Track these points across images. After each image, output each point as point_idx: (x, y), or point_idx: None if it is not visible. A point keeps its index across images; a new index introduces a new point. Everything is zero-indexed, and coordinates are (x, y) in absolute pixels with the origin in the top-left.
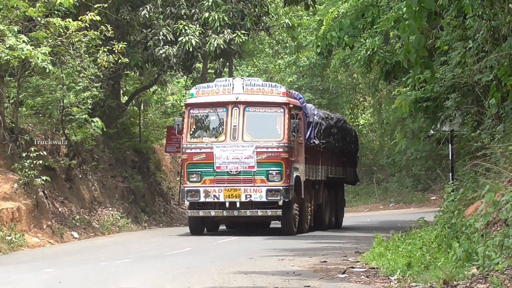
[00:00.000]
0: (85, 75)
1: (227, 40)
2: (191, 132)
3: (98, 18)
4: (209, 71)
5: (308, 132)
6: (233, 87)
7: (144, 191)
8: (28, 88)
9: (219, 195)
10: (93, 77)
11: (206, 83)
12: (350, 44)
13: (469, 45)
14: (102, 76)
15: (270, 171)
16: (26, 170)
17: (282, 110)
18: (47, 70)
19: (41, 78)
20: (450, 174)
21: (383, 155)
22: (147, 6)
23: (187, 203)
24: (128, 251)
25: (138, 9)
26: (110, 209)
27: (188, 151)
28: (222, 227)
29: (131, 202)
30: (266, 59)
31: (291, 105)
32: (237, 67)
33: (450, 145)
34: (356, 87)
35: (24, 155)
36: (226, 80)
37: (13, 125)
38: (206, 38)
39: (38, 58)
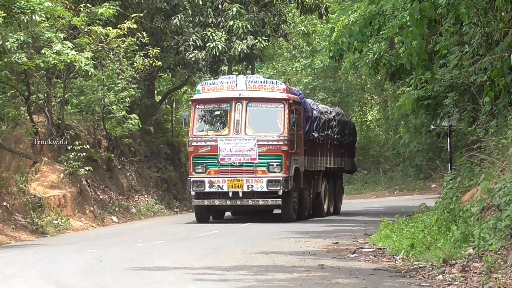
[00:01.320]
0: (123, 77)
1: (250, 46)
2: (197, 126)
3: (135, 26)
4: (234, 73)
5: (308, 126)
6: (236, 84)
7: (176, 180)
8: (73, 89)
9: (223, 185)
10: (130, 79)
11: (212, 80)
12: (359, 49)
13: (465, 49)
14: (138, 78)
15: (270, 163)
16: (71, 161)
17: (282, 105)
18: (90, 73)
19: (84, 79)
20: (449, 164)
21: (389, 147)
22: (179, 15)
23: (193, 193)
24: (162, 233)
25: (171, 18)
26: (146, 196)
27: (194, 143)
28: (228, 214)
29: (164, 190)
30: (284, 62)
31: (291, 101)
32: (259, 70)
33: (448, 138)
34: (364, 87)
35: (69, 148)
36: (230, 77)
37: (60, 121)
38: (231, 44)
39: (81, 62)
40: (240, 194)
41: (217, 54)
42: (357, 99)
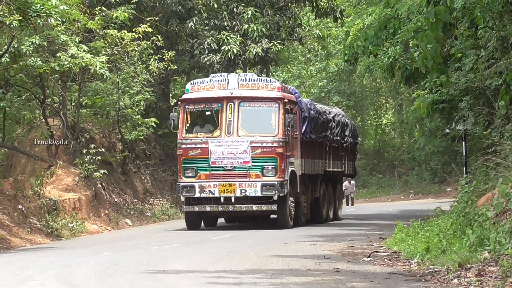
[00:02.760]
0: (138, 80)
1: (265, 49)
2: (186, 128)
3: (150, 29)
4: None
5: (304, 127)
6: (228, 82)
7: None
8: (88, 92)
9: (214, 190)
10: (145, 82)
11: (202, 79)
12: (374, 52)
13: (480, 53)
14: (153, 81)
15: (265, 166)
16: (86, 164)
17: (276, 105)
18: (105, 76)
19: (100, 83)
20: (464, 168)
21: (404, 151)
22: (194, 18)
23: (182, 198)
24: (177, 237)
25: (186, 21)
26: (161, 199)
27: (184, 146)
28: (221, 221)
29: None
30: (299, 66)
31: (286, 100)
32: (273, 73)
33: (463, 142)
34: (379, 90)
35: (84, 151)
36: (221, 76)
37: (75, 124)
38: (246, 47)
39: (96, 65)
40: (233, 200)
41: (232, 57)
42: (372, 103)
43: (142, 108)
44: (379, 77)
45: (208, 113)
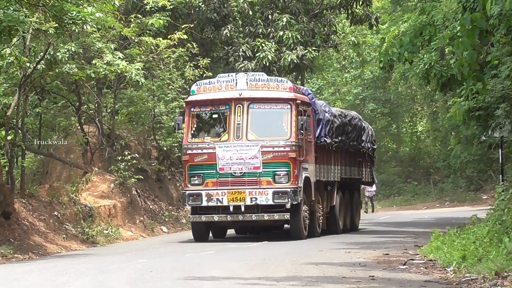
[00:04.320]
0: (173, 87)
1: (300, 56)
2: (192, 132)
3: (185, 37)
4: None
5: (318, 130)
6: (236, 82)
7: None
8: (123, 99)
9: (222, 198)
10: (180, 89)
11: (208, 79)
12: (409, 59)
13: None
14: (188, 88)
15: (276, 172)
16: (121, 171)
17: (289, 106)
18: (140, 83)
19: (135, 90)
20: (500, 176)
21: (439, 158)
22: (229, 26)
23: (188, 207)
24: (211, 244)
25: (221, 28)
26: None
27: (189, 152)
28: (231, 232)
29: None
30: (334, 73)
31: (298, 101)
32: (308, 80)
33: (500, 149)
34: (414, 97)
35: (119, 158)
36: (229, 76)
37: (110, 131)
38: (281, 54)
39: (132, 72)
40: (243, 209)
41: (267, 64)
42: (407, 110)
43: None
44: (414, 84)
45: (215, 116)
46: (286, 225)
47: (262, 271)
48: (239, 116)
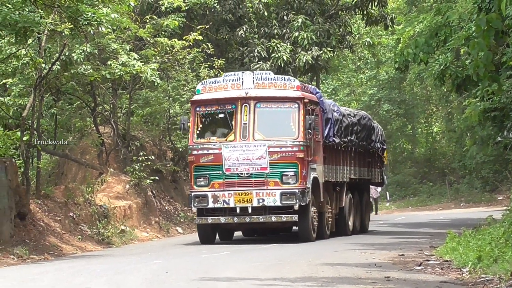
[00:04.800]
0: (188, 88)
1: (315, 57)
2: (197, 132)
3: (200, 37)
4: None
5: (327, 130)
6: (242, 81)
7: None
8: (138, 100)
9: (229, 200)
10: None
11: (214, 78)
12: (424, 60)
13: None
14: None
15: (284, 173)
16: (137, 172)
17: (296, 105)
18: (155, 84)
19: (150, 91)
20: None
21: (455, 159)
22: (244, 26)
23: (194, 209)
24: (226, 244)
25: (236, 29)
26: None
27: (195, 152)
28: (238, 234)
29: None
30: (349, 74)
31: (306, 100)
32: (323, 81)
33: None
34: (429, 98)
35: (134, 159)
36: (235, 74)
37: (125, 132)
38: (296, 55)
39: (147, 73)
40: (249, 210)
41: (282, 65)
42: (423, 111)
43: None
44: (430, 85)
45: (221, 115)
46: (294, 227)
47: (277, 271)
48: (246, 115)
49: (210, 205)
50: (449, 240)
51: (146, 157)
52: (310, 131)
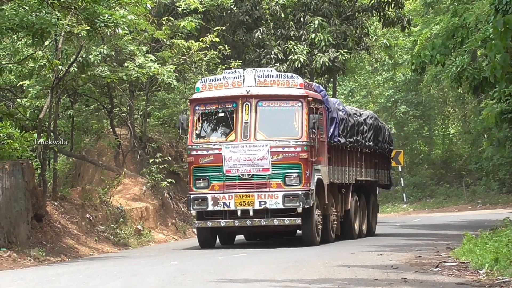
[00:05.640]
0: None
1: (332, 58)
2: (197, 132)
3: (217, 39)
4: None
5: (332, 129)
6: (243, 79)
7: None
8: (155, 102)
9: (229, 202)
10: None
11: (214, 76)
12: (441, 62)
13: None
14: None
15: (287, 174)
16: (153, 174)
17: (299, 104)
18: (172, 86)
19: (167, 92)
20: None
21: (471, 161)
22: (261, 28)
23: (193, 212)
24: (243, 246)
25: (253, 31)
26: None
27: (194, 153)
28: (240, 238)
29: None
30: (366, 75)
31: (310, 98)
32: (340, 83)
33: None
34: (446, 100)
35: (151, 161)
36: (236, 72)
37: (142, 134)
38: (313, 57)
39: (164, 75)
40: (251, 213)
41: (299, 67)
42: (439, 112)
43: None
44: (446, 87)
45: (221, 114)
46: (298, 231)
47: (294, 273)
48: (247, 114)
49: (210, 207)
50: (466, 241)
51: (162, 159)
52: (314, 130)
